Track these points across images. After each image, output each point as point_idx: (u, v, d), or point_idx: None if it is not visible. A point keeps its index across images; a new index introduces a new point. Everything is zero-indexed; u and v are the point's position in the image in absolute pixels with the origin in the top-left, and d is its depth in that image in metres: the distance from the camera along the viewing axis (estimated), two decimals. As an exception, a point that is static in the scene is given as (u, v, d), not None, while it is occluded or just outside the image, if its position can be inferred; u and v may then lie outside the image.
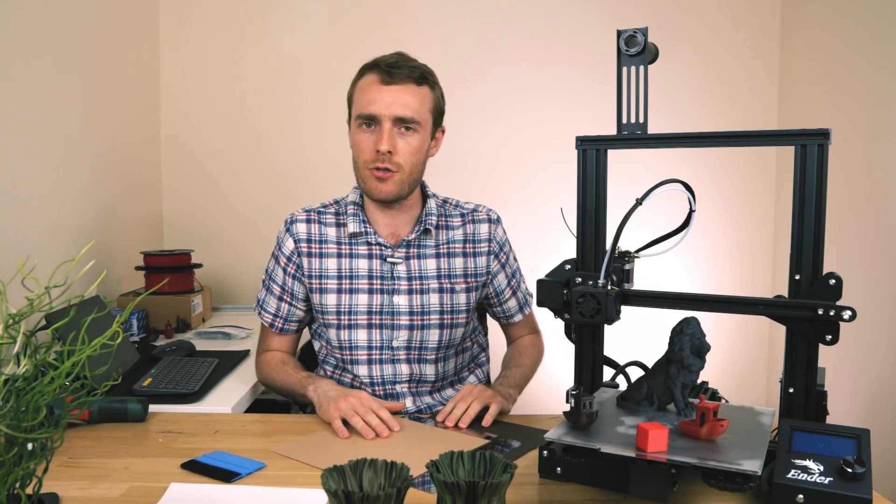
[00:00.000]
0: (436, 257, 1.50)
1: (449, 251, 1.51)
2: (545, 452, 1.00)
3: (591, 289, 1.01)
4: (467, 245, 1.52)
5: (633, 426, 0.98)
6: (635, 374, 1.14)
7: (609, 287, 1.02)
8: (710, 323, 1.07)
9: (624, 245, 1.09)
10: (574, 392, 0.99)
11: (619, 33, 1.06)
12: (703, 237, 2.64)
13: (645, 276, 1.24)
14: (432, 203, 1.52)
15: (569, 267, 1.10)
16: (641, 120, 1.06)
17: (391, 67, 1.39)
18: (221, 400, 1.47)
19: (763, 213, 2.71)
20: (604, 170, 1.09)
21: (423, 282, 1.48)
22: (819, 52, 2.40)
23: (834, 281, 0.96)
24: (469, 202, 1.58)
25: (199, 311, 2.26)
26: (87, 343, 0.75)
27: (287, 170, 2.70)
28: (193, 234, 2.69)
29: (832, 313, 0.95)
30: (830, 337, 0.97)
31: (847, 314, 0.94)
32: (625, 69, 1.06)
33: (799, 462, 0.91)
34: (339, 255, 1.48)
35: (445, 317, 1.49)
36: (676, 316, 1.04)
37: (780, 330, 1.01)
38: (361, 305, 1.46)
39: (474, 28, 2.67)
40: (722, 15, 2.66)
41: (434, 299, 1.48)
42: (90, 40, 2.16)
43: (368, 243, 1.48)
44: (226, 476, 1.05)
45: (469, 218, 1.54)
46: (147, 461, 1.12)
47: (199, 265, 2.34)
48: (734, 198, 2.69)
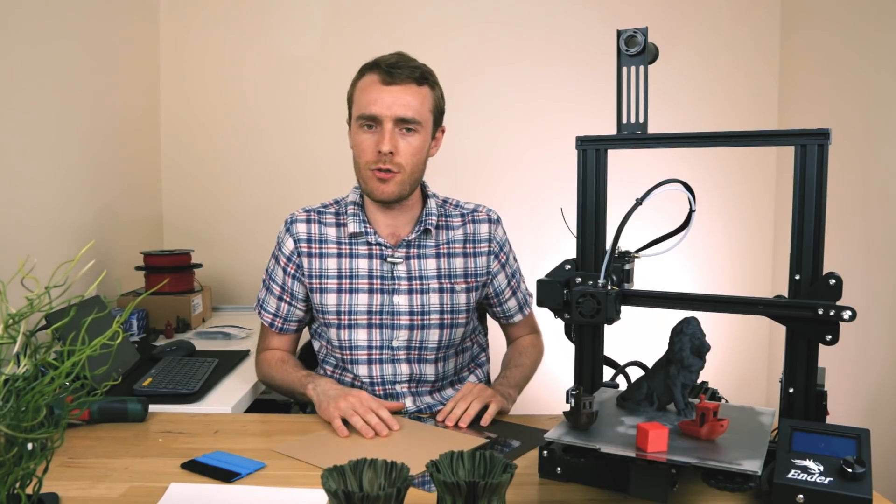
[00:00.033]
0: (436, 257, 1.50)
1: (449, 251, 1.51)
2: (545, 452, 1.00)
3: (591, 289, 1.01)
4: (467, 245, 1.52)
5: (633, 426, 0.98)
6: (635, 374, 1.14)
7: (609, 287, 1.02)
8: (710, 323, 1.07)
9: (624, 245, 1.08)
10: (574, 392, 0.99)
11: (619, 33, 1.06)
12: (703, 237, 2.64)
13: (645, 276, 1.24)
14: (432, 203, 1.52)
15: (569, 267, 1.10)
16: (641, 120, 1.06)
17: (392, 68, 1.39)
18: (221, 400, 1.47)
19: (763, 213, 2.71)
20: (604, 170, 1.09)
21: (423, 282, 1.48)
22: (819, 52, 2.40)
23: (834, 281, 0.96)
24: (469, 202, 1.58)
25: (199, 311, 2.26)
26: (87, 343, 0.75)
27: (287, 170, 2.70)
28: (193, 234, 2.69)
29: (832, 313, 0.95)
30: (830, 337, 0.97)
31: (847, 314, 0.94)
32: (625, 69, 1.06)
33: (799, 462, 0.91)
34: (340, 255, 1.48)
35: (445, 317, 1.49)
36: (676, 316, 1.04)
37: (780, 330, 1.01)
38: (361, 305, 1.46)
39: (474, 28, 2.67)
40: (722, 15, 2.66)
41: (434, 299, 1.48)
42: (90, 40, 2.16)
43: (368, 243, 1.48)
44: (226, 476, 1.05)
45: (469, 218, 1.54)
46: (147, 461, 1.12)
47: (199, 265, 2.34)
48: (734, 198, 2.69)
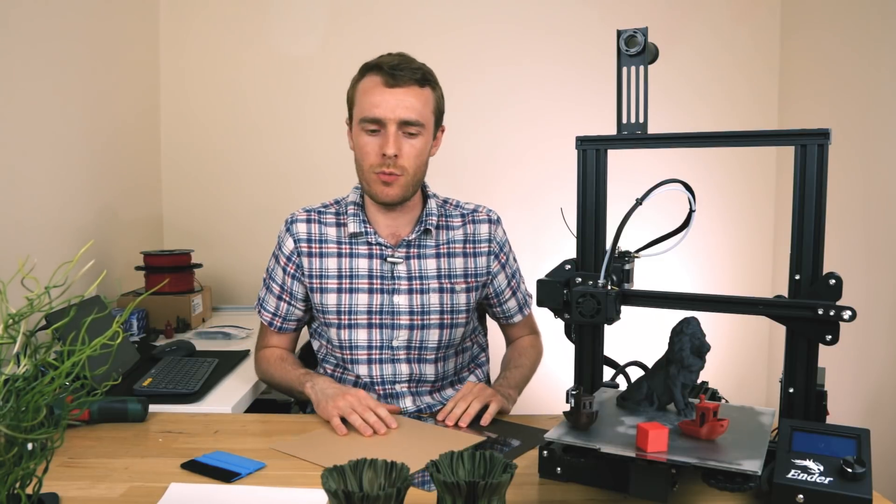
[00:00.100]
0: (436, 257, 1.50)
1: (449, 251, 1.51)
2: (545, 452, 1.00)
3: (591, 289, 1.01)
4: (467, 245, 1.52)
5: (633, 426, 0.98)
6: (635, 374, 1.14)
7: (609, 287, 1.02)
8: (710, 323, 1.07)
9: (624, 245, 1.09)
10: (574, 392, 0.99)
11: (619, 33, 1.06)
12: (703, 237, 2.64)
13: (645, 276, 1.24)
14: (433, 203, 1.52)
15: (569, 267, 1.10)
16: (641, 120, 1.06)
17: (394, 70, 1.38)
18: (221, 400, 1.47)
19: (763, 213, 2.71)
20: (604, 170, 1.09)
21: (423, 282, 1.48)
22: (819, 52, 2.40)
23: (834, 281, 0.96)
24: (469, 202, 1.58)
25: (199, 311, 2.26)
26: (87, 343, 0.75)
27: (287, 170, 2.70)
28: (193, 234, 2.69)
29: (832, 313, 0.95)
30: (830, 337, 0.97)
31: (847, 314, 0.94)
32: (625, 69, 1.06)
33: (799, 462, 0.91)
34: (340, 255, 1.48)
35: (445, 317, 1.49)
36: (676, 316, 1.04)
37: (780, 330, 1.01)
38: (361, 305, 1.46)
39: (474, 28, 2.67)
40: (722, 15, 2.66)
41: (434, 299, 1.48)
42: (90, 40, 2.16)
43: (369, 243, 1.48)
44: (226, 476, 1.05)
45: (469, 218, 1.54)
46: (147, 461, 1.12)
47: (199, 265, 2.34)
48: (734, 198, 2.69)
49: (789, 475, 0.88)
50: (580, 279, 1.07)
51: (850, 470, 0.86)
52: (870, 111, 2.08)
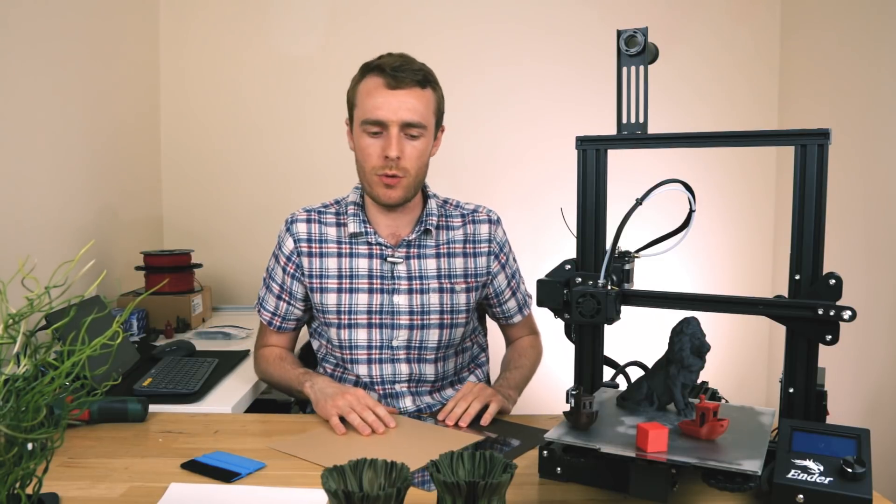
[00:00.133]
0: (436, 257, 1.50)
1: (449, 251, 1.51)
2: (545, 452, 1.00)
3: (591, 289, 1.01)
4: (467, 245, 1.52)
5: (633, 426, 0.98)
6: (635, 374, 1.14)
7: (609, 287, 1.02)
8: (710, 323, 1.07)
9: (624, 245, 1.08)
10: (574, 392, 0.99)
11: (619, 33, 1.06)
12: (703, 237, 2.64)
13: (645, 276, 1.24)
14: (433, 203, 1.52)
15: (569, 267, 1.10)
16: (641, 120, 1.06)
17: (396, 71, 1.38)
18: (221, 400, 1.47)
19: (763, 213, 2.71)
20: (604, 170, 1.09)
21: (423, 282, 1.48)
22: (819, 52, 2.40)
23: (834, 281, 0.96)
24: (469, 203, 1.58)
25: (199, 311, 2.26)
26: (87, 343, 0.75)
27: (287, 170, 2.70)
28: (193, 234, 2.69)
29: (832, 313, 0.95)
30: (830, 337, 0.97)
31: (847, 314, 0.94)
32: (625, 69, 1.06)
33: (799, 462, 0.91)
34: (340, 255, 1.48)
35: (445, 317, 1.49)
36: (676, 316, 1.04)
37: (780, 330, 1.01)
38: (361, 305, 1.46)
39: (474, 28, 2.67)
40: (722, 15, 2.66)
41: (434, 299, 1.48)
42: (90, 40, 2.16)
43: (369, 243, 1.48)
44: (226, 476, 1.05)
45: (469, 218, 1.54)
46: (147, 461, 1.12)
47: (199, 265, 2.34)
48: (734, 198, 2.69)
49: (789, 475, 0.88)
50: (580, 279, 1.07)
51: (850, 470, 0.86)
52: (870, 111, 2.08)
